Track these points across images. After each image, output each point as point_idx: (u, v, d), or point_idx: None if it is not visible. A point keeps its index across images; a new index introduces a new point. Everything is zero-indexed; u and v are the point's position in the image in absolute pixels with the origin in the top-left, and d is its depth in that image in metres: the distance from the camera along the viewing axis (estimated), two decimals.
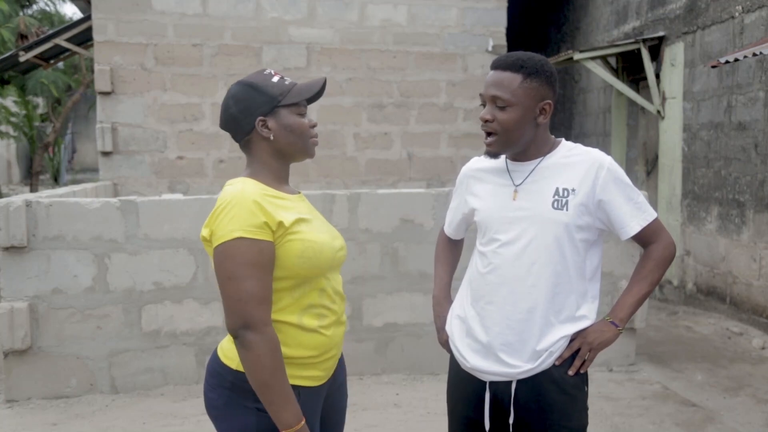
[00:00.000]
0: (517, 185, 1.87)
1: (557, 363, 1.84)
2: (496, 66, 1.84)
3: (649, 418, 3.76)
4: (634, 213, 1.86)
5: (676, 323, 5.78)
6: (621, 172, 1.87)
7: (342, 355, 1.90)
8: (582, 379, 1.90)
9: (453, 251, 2.26)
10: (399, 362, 4.38)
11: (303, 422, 1.60)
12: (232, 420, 1.67)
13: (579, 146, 1.91)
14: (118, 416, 3.77)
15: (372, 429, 3.61)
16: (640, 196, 1.89)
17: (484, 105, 1.85)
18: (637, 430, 3.61)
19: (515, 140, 1.83)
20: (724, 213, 5.82)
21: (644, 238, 1.91)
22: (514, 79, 1.79)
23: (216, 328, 4.14)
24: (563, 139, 1.93)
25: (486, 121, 1.82)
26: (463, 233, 2.21)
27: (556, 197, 1.83)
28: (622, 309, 1.90)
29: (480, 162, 2.03)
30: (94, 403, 3.94)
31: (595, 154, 1.87)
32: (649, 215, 1.88)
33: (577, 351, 1.86)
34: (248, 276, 1.57)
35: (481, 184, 1.98)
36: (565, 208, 1.82)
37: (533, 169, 1.87)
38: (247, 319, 1.56)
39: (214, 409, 1.71)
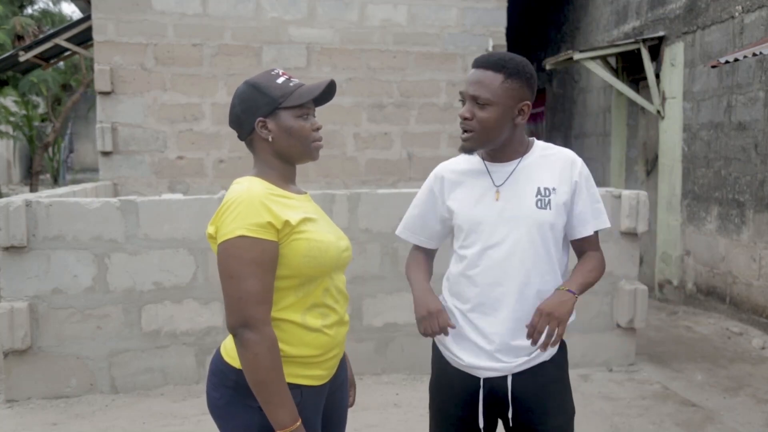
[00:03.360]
0: (498, 186, 1.88)
1: (542, 350, 1.80)
2: (478, 65, 1.84)
3: (649, 418, 3.76)
4: (595, 215, 1.92)
5: (676, 323, 5.78)
6: (590, 173, 1.95)
7: (345, 355, 1.90)
8: (563, 355, 1.95)
9: (428, 262, 2.11)
10: (399, 362, 4.38)
11: (299, 423, 1.59)
12: (234, 419, 1.67)
13: (552, 145, 1.96)
14: (118, 416, 3.78)
15: (372, 429, 3.61)
16: (601, 202, 1.96)
17: (463, 102, 1.86)
18: (637, 430, 3.61)
19: (492, 138, 1.84)
20: (724, 213, 5.82)
21: (586, 245, 1.96)
22: (495, 78, 1.80)
23: (216, 328, 4.14)
24: (535, 139, 1.97)
25: (465, 119, 1.83)
26: (438, 242, 2.08)
27: (539, 197, 1.85)
28: (575, 282, 1.86)
29: (454, 164, 2.00)
30: (94, 403, 3.94)
31: (569, 152, 1.94)
32: (603, 222, 1.94)
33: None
34: (249, 275, 1.57)
35: (459, 187, 1.94)
36: (548, 207, 1.85)
37: (513, 170, 1.88)
38: (247, 318, 1.56)
39: (216, 408, 1.71)
